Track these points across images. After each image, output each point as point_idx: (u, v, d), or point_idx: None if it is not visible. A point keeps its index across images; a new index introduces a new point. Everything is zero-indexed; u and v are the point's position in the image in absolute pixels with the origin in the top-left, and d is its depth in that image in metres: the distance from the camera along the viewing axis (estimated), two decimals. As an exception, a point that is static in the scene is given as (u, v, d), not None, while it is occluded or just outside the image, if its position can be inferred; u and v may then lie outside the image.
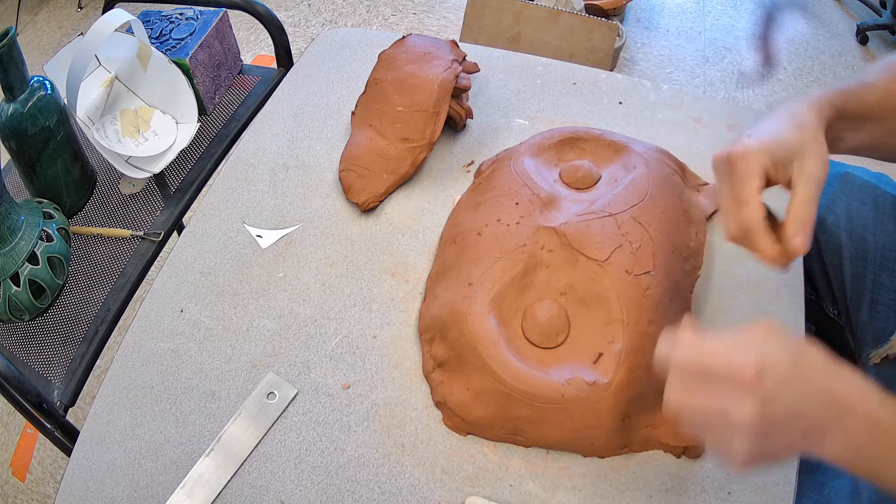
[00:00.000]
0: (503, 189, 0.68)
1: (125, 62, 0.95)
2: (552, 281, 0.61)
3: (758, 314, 0.64)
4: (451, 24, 2.29)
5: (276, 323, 0.66)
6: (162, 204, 0.92)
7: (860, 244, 0.72)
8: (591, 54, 1.42)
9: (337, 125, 0.84)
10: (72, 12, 2.45)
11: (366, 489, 0.56)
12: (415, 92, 0.75)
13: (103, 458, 0.58)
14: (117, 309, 0.82)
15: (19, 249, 0.75)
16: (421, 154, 0.75)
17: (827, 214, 0.76)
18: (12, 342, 0.79)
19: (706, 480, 0.55)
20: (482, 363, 0.57)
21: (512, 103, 0.85)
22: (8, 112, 0.77)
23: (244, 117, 1.04)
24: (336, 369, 0.63)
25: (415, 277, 0.69)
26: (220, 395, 0.62)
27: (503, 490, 0.55)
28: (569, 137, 0.74)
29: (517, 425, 0.57)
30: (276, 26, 1.09)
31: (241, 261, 0.71)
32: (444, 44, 0.81)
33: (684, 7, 2.38)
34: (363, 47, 0.93)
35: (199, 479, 0.57)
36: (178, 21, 1.01)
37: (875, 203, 0.73)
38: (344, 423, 0.60)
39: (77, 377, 0.76)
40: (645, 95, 0.85)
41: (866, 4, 2.25)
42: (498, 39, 1.47)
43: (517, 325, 0.60)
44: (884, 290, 0.70)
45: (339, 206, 0.75)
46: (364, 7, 2.39)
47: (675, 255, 0.62)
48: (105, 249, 0.87)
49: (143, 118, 0.97)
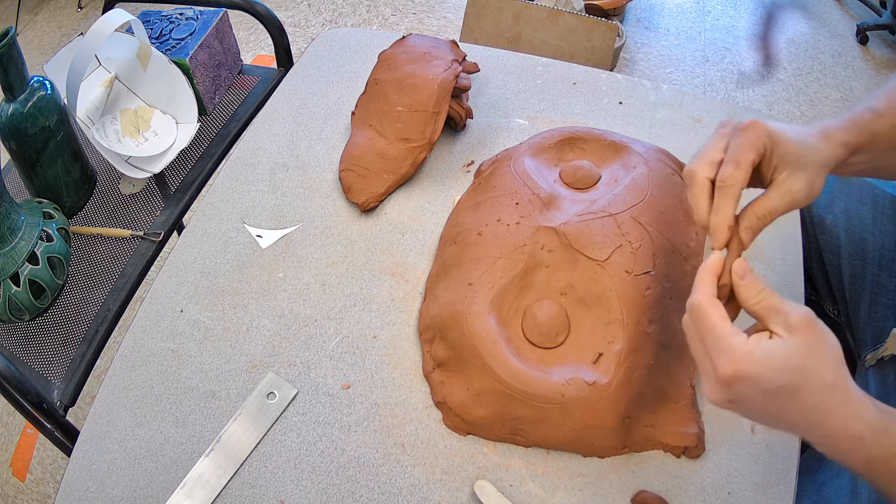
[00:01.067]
0: (503, 189, 0.68)
1: (125, 62, 0.95)
2: (552, 281, 0.61)
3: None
4: (451, 24, 2.29)
5: (276, 323, 0.66)
6: (162, 204, 0.92)
7: (859, 244, 0.72)
8: (591, 54, 1.42)
9: (337, 125, 0.84)
10: (72, 12, 2.45)
11: (366, 489, 0.56)
12: (415, 92, 0.75)
13: (103, 458, 0.58)
14: (117, 309, 0.82)
15: (19, 249, 0.75)
16: (421, 154, 0.75)
17: (826, 214, 0.76)
18: (12, 342, 0.79)
19: (706, 480, 0.55)
20: (482, 363, 0.57)
21: (512, 103, 0.85)
22: (8, 112, 0.77)
23: (244, 117, 1.04)
24: (336, 369, 0.63)
25: (415, 277, 0.69)
26: (220, 395, 0.62)
27: (503, 490, 0.55)
28: (569, 137, 0.74)
29: (517, 425, 0.57)
30: (276, 26, 1.09)
31: (241, 261, 0.71)
32: (444, 44, 0.81)
33: (684, 7, 2.38)
34: (363, 47, 0.94)
35: (199, 479, 0.57)
36: (178, 21, 1.01)
37: (874, 203, 0.74)
38: (344, 423, 0.60)
39: (77, 377, 0.76)
40: (645, 95, 0.85)
41: (866, 4, 2.25)
42: (498, 39, 1.47)
43: (517, 325, 0.60)
44: (883, 289, 0.70)
45: (339, 206, 0.75)
46: (364, 7, 2.39)
47: (675, 255, 0.62)
48: (105, 249, 0.87)
49: (143, 118, 0.97)
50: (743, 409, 0.44)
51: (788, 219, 0.70)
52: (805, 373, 0.41)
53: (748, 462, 0.55)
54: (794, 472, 0.55)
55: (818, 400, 0.41)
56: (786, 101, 2.02)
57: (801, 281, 0.66)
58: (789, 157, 0.48)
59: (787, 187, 0.48)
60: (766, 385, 0.41)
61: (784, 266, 0.67)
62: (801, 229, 0.70)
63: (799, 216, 0.71)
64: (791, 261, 0.67)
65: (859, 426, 0.41)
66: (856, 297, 0.72)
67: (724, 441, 0.57)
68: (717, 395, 0.44)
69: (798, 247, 0.68)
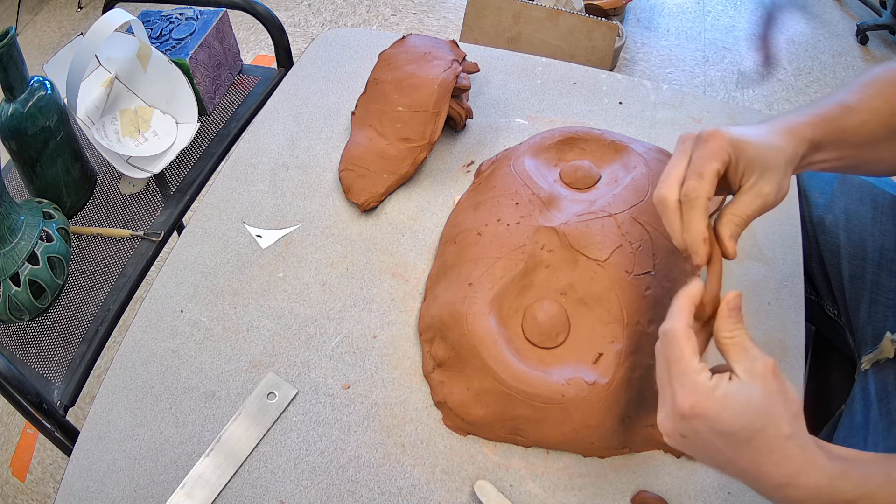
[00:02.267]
0: (503, 189, 0.68)
1: (125, 62, 0.95)
2: (552, 281, 0.61)
3: (758, 314, 0.64)
4: (451, 24, 2.29)
5: (276, 323, 0.66)
6: (162, 204, 0.92)
7: (858, 244, 0.72)
8: (591, 54, 1.42)
9: (337, 125, 0.84)
10: (72, 12, 2.46)
11: (366, 489, 0.56)
12: (415, 92, 0.75)
13: (103, 458, 0.58)
14: (117, 309, 0.82)
15: (19, 249, 0.75)
16: (421, 154, 0.75)
17: (825, 214, 0.76)
18: (12, 342, 0.79)
19: (706, 480, 0.55)
20: (482, 363, 0.57)
21: (512, 103, 0.85)
22: (8, 112, 0.77)
23: (244, 117, 1.04)
24: (336, 369, 0.63)
25: (415, 277, 0.69)
26: (220, 395, 0.62)
27: (503, 490, 0.55)
28: (569, 137, 0.74)
29: (517, 425, 0.57)
30: (276, 26, 1.09)
31: (241, 261, 0.71)
32: (444, 44, 0.81)
33: (684, 7, 2.38)
34: (363, 47, 0.94)
35: (199, 479, 0.57)
36: (178, 21, 1.01)
37: (874, 202, 0.73)
38: (344, 423, 0.60)
39: (77, 377, 0.76)
40: (645, 95, 0.85)
41: (866, 4, 2.26)
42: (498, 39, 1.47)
43: (517, 325, 0.60)
44: (882, 289, 0.70)
45: (339, 206, 0.75)
46: (364, 7, 2.39)
47: (675, 255, 0.62)
48: (105, 249, 0.87)
49: (143, 118, 0.97)
50: (695, 448, 0.43)
51: (788, 219, 0.70)
52: (763, 420, 0.40)
53: (748, 462, 0.55)
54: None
55: (773, 448, 0.40)
56: (786, 101, 2.02)
57: (800, 281, 0.66)
58: (755, 162, 0.48)
59: (757, 191, 0.48)
60: (722, 426, 0.40)
61: (784, 266, 0.67)
62: (801, 229, 0.70)
63: (799, 216, 0.71)
64: (791, 261, 0.67)
65: (814, 474, 0.40)
66: (855, 297, 0.72)
67: (724, 441, 0.57)
68: (670, 426, 0.43)
69: (798, 247, 0.68)
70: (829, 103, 0.52)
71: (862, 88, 0.53)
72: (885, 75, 0.53)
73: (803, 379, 0.60)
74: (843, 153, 0.53)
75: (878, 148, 0.53)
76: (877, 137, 0.52)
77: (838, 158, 0.53)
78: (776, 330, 0.62)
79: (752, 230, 0.69)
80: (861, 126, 0.51)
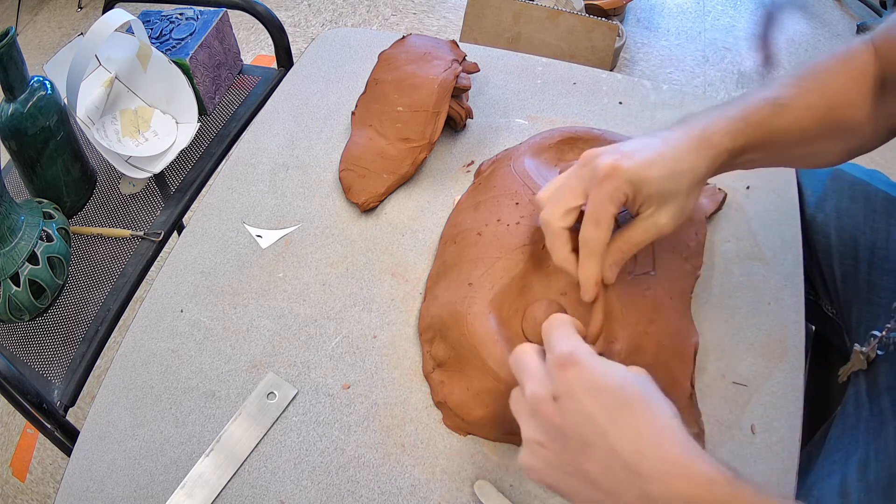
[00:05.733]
0: (503, 189, 0.68)
1: (125, 62, 0.96)
2: (552, 281, 0.61)
3: (758, 314, 0.64)
4: (451, 24, 2.29)
5: (276, 323, 0.66)
6: (162, 204, 0.92)
7: (850, 243, 0.71)
8: (591, 54, 1.42)
9: (337, 125, 0.84)
10: (72, 12, 2.46)
11: (366, 489, 0.56)
12: (415, 92, 0.75)
13: (103, 458, 0.58)
14: (117, 309, 0.82)
15: (19, 249, 0.75)
16: (421, 154, 0.75)
17: (817, 213, 0.75)
18: (12, 342, 0.79)
19: (706, 480, 0.55)
20: (482, 363, 0.57)
21: (512, 103, 0.85)
22: (8, 112, 0.77)
23: (244, 117, 1.04)
24: (336, 369, 0.63)
25: (415, 277, 0.69)
26: (220, 395, 0.62)
27: (503, 490, 0.55)
28: (569, 137, 0.74)
29: (517, 425, 0.57)
30: (276, 26, 1.09)
31: (241, 261, 0.71)
32: (444, 44, 0.81)
33: (684, 7, 2.38)
34: (363, 47, 0.94)
35: (199, 479, 0.57)
36: (178, 21, 1.02)
37: (866, 200, 0.72)
38: (344, 423, 0.60)
39: (77, 377, 0.76)
40: (645, 95, 0.85)
41: (866, 4, 2.25)
42: (498, 39, 1.47)
43: (517, 325, 0.60)
44: (874, 288, 0.69)
45: (339, 206, 0.75)
46: (364, 7, 2.39)
47: (674, 255, 0.62)
48: (105, 249, 0.87)
49: (143, 118, 0.97)
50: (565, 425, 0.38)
51: (788, 219, 0.70)
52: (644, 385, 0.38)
53: (748, 462, 0.55)
54: (794, 473, 0.54)
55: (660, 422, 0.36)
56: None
57: (800, 281, 0.66)
58: (654, 196, 0.47)
59: (653, 222, 0.48)
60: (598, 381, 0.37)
61: (784, 266, 0.67)
62: (801, 230, 0.70)
63: (798, 217, 0.71)
64: (791, 261, 0.67)
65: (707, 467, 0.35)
66: (848, 298, 0.72)
67: (724, 441, 0.57)
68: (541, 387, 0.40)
69: (798, 247, 0.68)
70: (758, 101, 0.50)
71: (796, 82, 0.50)
72: (824, 65, 0.51)
73: (803, 379, 0.60)
74: (774, 153, 0.51)
75: (814, 144, 0.51)
76: (812, 134, 0.50)
77: (768, 158, 0.51)
78: (776, 330, 0.62)
79: (752, 230, 0.69)
80: (794, 124, 0.49)
